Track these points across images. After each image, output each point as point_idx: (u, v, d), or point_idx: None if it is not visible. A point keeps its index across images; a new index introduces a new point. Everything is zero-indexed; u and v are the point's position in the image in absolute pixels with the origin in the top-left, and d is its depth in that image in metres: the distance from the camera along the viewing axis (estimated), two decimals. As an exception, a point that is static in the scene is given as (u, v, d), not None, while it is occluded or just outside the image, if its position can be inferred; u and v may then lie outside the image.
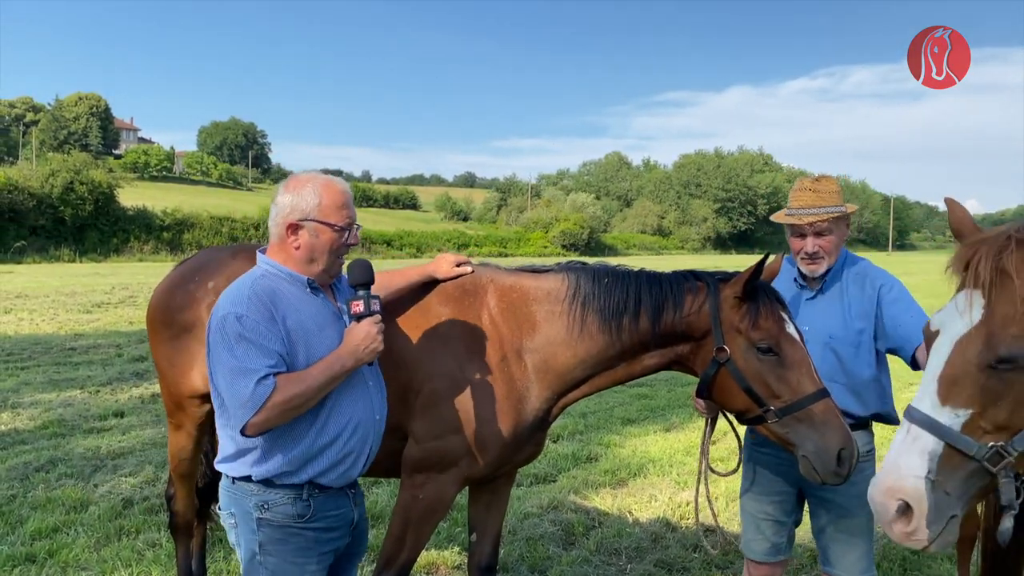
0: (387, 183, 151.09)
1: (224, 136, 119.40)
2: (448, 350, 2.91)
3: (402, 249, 57.21)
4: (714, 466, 3.20)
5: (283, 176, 2.51)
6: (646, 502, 5.66)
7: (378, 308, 2.41)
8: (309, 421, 2.33)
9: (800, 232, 3.04)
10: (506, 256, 59.20)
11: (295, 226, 2.38)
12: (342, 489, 2.46)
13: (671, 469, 6.47)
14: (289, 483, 2.34)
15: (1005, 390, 1.77)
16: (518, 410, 2.89)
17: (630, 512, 5.47)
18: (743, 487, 3.29)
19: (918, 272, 25.24)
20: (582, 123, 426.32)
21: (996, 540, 2.04)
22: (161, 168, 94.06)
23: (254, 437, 2.27)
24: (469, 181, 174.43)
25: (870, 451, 3.06)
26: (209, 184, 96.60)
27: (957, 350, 1.84)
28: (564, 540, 4.97)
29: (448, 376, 2.87)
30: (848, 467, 2.55)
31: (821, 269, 3.05)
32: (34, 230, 41.22)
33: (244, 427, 2.22)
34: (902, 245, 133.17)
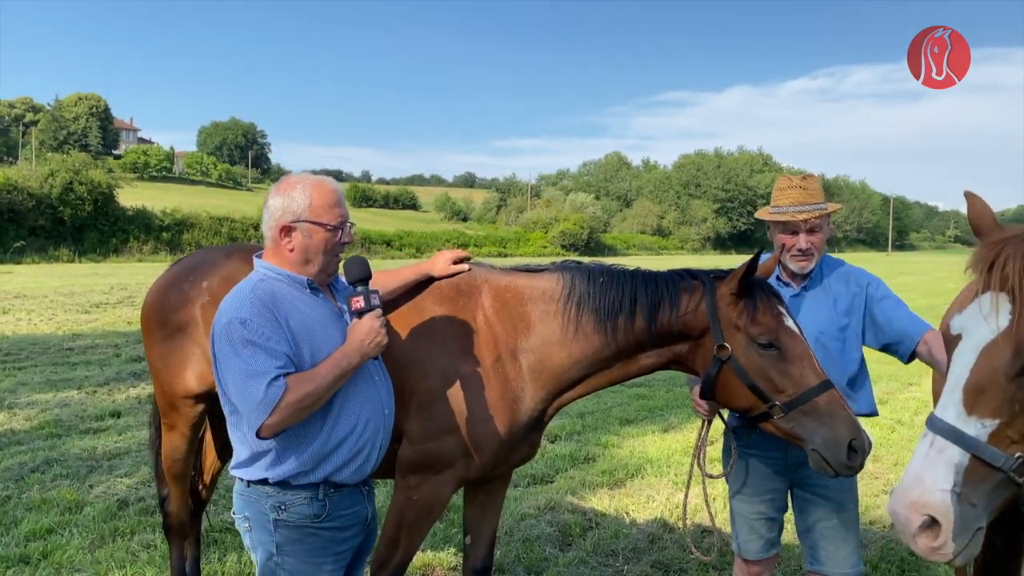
0: (387, 183, 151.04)
1: (224, 136, 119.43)
2: (442, 350, 2.89)
3: (402, 249, 57.17)
4: (708, 469, 3.18)
5: (283, 176, 2.54)
6: (643, 503, 5.64)
7: (378, 302, 2.42)
8: (320, 420, 2.34)
9: (792, 229, 3.06)
10: (506, 256, 59.15)
11: (288, 228, 2.39)
12: (356, 486, 2.48)
13: (669, 470, 6.45)
14: (306, 483, 2.35)
15: None
16: (513, 410, 2.87)
17: (627, 513, 5.44)
18: (732, 489, 3.28)
19: (917, 272, 25.25)
20: (582, 123, 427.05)
21: (990, 540, 2.01)
22: (161, 168, 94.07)
23: (269, 439, 2.27)
24: (469, 181, 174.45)
25: None
26: (209, 184, 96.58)
27: (983, 357, 1.78)
28: (561, 541, 4.95)
29: (442, 376, 2.85)
30: (861, 458, 2.53)
31: (811, 266, 3.08)
32: (33, 230, 41.16)
33: (259, 429, 2.22)
34: (902, 245, 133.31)
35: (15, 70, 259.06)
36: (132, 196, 47.67)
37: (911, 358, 2.99)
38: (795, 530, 3.32)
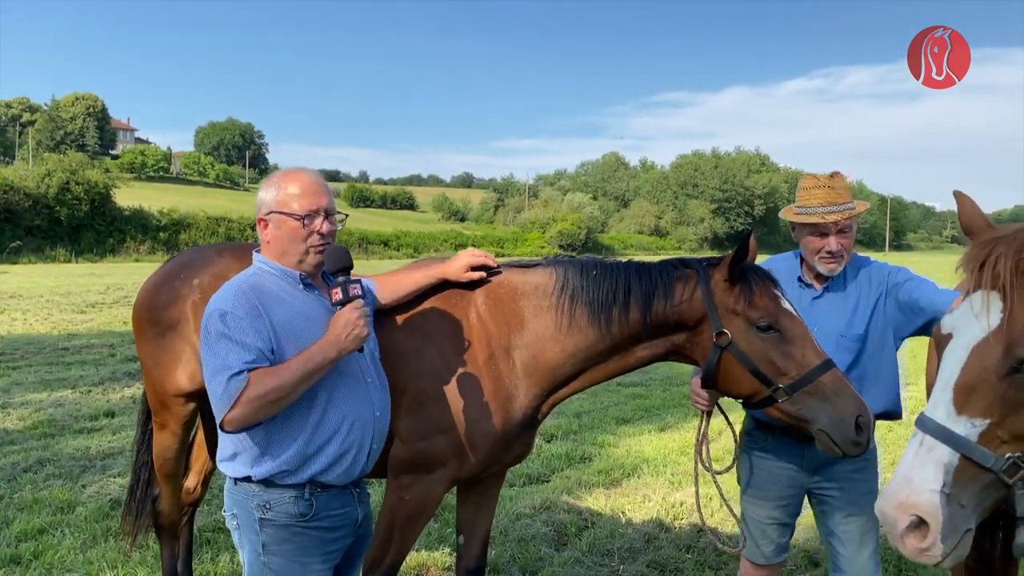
0: (384, 183, 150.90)
1: (221, 136, 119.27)
2: (434, 348, 2.86)
3: (399, 249, 57.11)
4: (711, 465, 3.12)
5: (274, 173, 2.55)
6: (640, 502, 5.62)
7: (359, 292, 2.34)
8: (303, 419, 2.32)
9: (822, 231, 2.94)
10: (503, 256, 59.00)
11: (263, 221, 2.43)
12: (345, 487, 2.44)
13: (665, 469, 6.43)
14: (290, 483, 2.33)
15: None
16: (506, 409, 2.84)
17: (623, 512, 5.42)
18: (742, 487, 3.21)
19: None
20: (580, 123, 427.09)
21: (979, 542, 1.98)
22: (158, 168, 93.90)
23: (235, 433, 2.27)
24: (467, 181, 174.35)
25: (872, 449, 2.99)
26: (206, 184, 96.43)
27: (974, 356, 1.75)
28: (556, 541, 4.92)
29: (434, 375, 2.82)
30: (867, 434, 2.50)
31: (840, 268, 2.98)
32: (30, 230, 41.06)
33: (222, 423, 2.23)
34: (899, 245, 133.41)
35: (12, 70, 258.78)
36: (129, 196, 47.60)
37: None
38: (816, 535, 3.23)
